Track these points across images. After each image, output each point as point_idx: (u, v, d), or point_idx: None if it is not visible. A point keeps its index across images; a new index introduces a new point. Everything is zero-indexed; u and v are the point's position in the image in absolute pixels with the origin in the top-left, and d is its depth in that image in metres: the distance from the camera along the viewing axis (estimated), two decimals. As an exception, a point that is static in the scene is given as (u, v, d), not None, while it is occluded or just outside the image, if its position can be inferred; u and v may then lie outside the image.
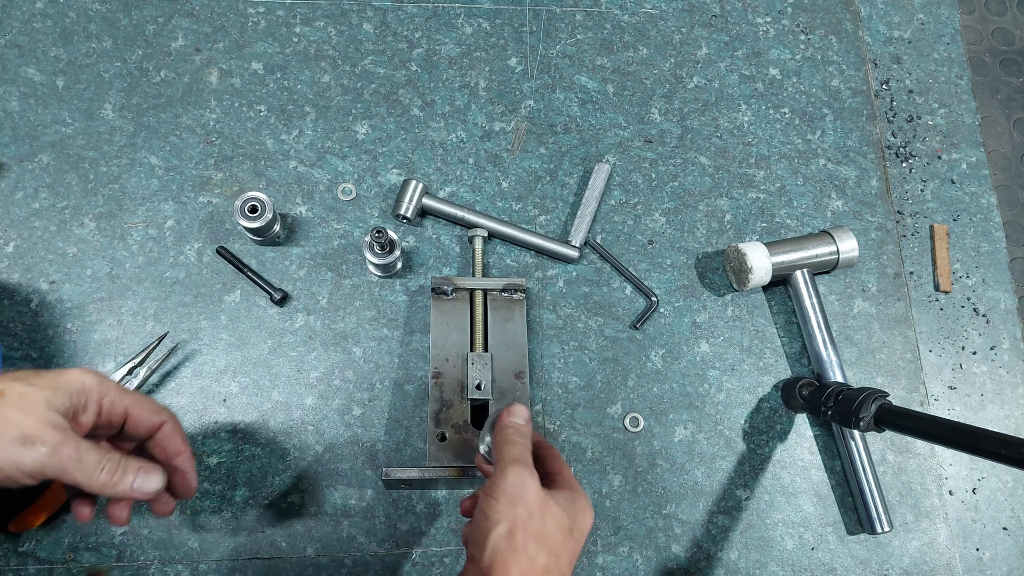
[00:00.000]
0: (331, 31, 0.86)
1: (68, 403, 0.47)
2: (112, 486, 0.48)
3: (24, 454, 0.45)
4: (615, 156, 0.85)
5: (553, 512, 0.51)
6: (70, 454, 0.46)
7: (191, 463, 0.54)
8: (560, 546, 0.50)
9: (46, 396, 0.46)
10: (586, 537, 0.53)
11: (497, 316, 0.74)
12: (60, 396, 0.47)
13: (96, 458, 0.47)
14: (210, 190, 0.79)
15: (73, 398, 0.48)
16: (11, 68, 0.80)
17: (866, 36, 0.94)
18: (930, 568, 0.75)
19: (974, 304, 0.85)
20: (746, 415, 0.77)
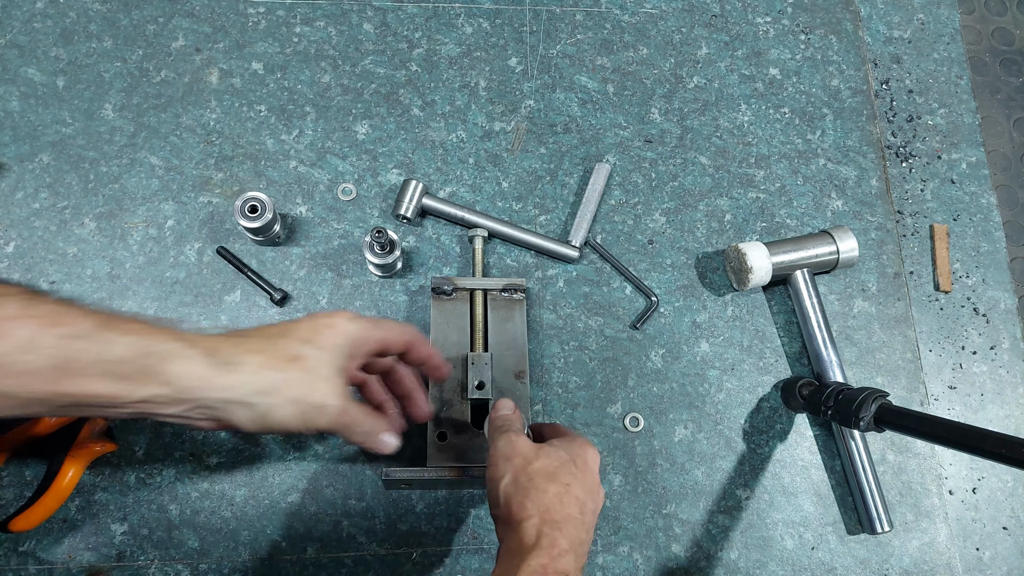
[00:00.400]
0: (331, 31, 0.86)
1: (345, 362, 0.54)
2: (365, 443, 0.57)
3: (319, 417, 0.52)
4: (615, 156, 0.85)
5: (548, 451, 0.55)
6: (347, 420, 0.54)
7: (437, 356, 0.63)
8: (568, 475, 0.53)
9: (331, 359, 0.53)
10: (595, 471, 0.56)
11: (497, 316, 0.74)
12: (339, 356, 0.53)
13: (361, 421, 0.55)
14: (210, 190, 0.79)
15: (347, 356, 0.54)
16: (11, 68, 0.80)
17: (866, 36, 0.94)
18: (930, 568, 0.75)
19: (974, 304, 0.85)
20: (746, 415, 0.77)
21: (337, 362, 0.53)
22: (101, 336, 0.46)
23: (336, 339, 0.53)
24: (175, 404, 0.48)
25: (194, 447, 0.71)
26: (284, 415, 0.51)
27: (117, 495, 0.69)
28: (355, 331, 0.55)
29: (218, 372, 0.49)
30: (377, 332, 0.56)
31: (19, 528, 0.64)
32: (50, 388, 0.45)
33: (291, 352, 0.52)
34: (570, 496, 0.52)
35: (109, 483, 0.69)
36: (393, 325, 0.58)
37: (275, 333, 0.53)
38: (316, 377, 0.52)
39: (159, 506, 0.69)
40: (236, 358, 0.50)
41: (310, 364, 0.52)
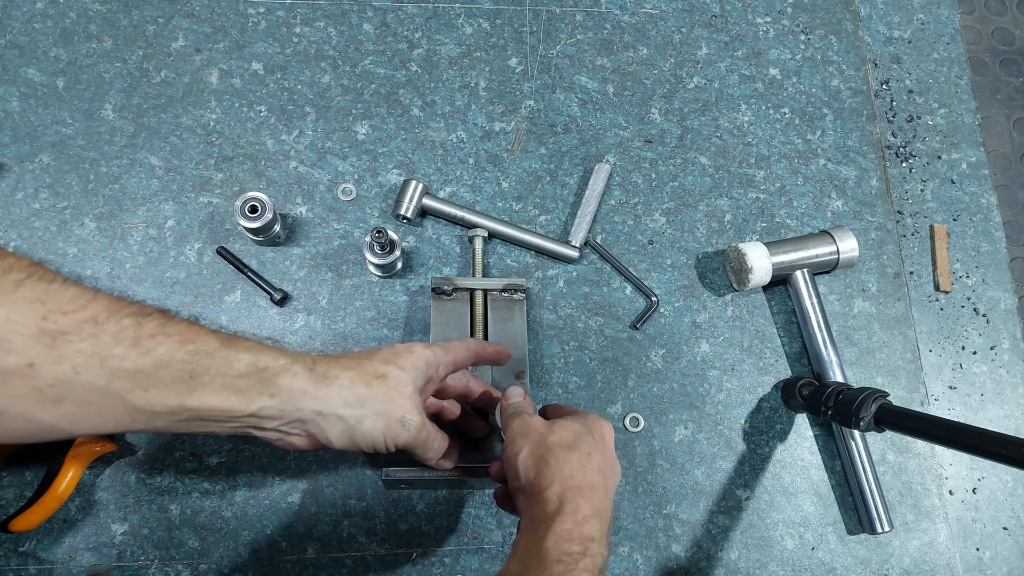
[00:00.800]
0: (331, 31, 0.86)
1: (422, 383, 0.57)
2: (432, 461, 0.61)
3: (400, 434, 0.55)
4: (615, 156, 0.85)
5: (564, 424, 0.57)
6: (425, 436, 0.57)
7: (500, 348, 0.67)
8: (587, 445, 0.55)
9: (411, 378, 0.56)
10: (612, 444, 0.58)
11: (497, 316, 0.74)
12: (419, 377, 0.57)
13: (435, 438, 0.59)
14: (210, 190, 0.79)
15: (424, 376, 0.58)
16: (11, 68, 0.80)
17: (866, 36, 0.94)
18: (930, 568, 0.75)
19: (974, 304, 0.85)
20: (746, 415, 0.77)
21: (417, 381, 0.56)
22: (224, 353, 0.50)
23: (415, 361, 0.57)
24: (278, 417, 0.52)
25: (194, 447, 0.71)
26: (370, 428, 0.54)
27: (117, 495, 0.69)
28: (430, 355, 0.58)
29: (317, 385, 0.52)
30: (448, 356, 0.60)
31: (19, 528, 0.64)
32: (178, 401, 0.48)
33: (377, 370, 0.55)
34: (591, 464, 0.54)
35: (109, 483, 0.69)
36: (459, 345, 0.62)
37: (362, 355, 0.57)
38: (400, 394, 0.55)
39: (159, 506, 0.69)
40: (331, 372, 0.53)
41: (393, 382, 0.55)
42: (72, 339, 0.44)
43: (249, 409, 0.50)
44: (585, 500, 0.51)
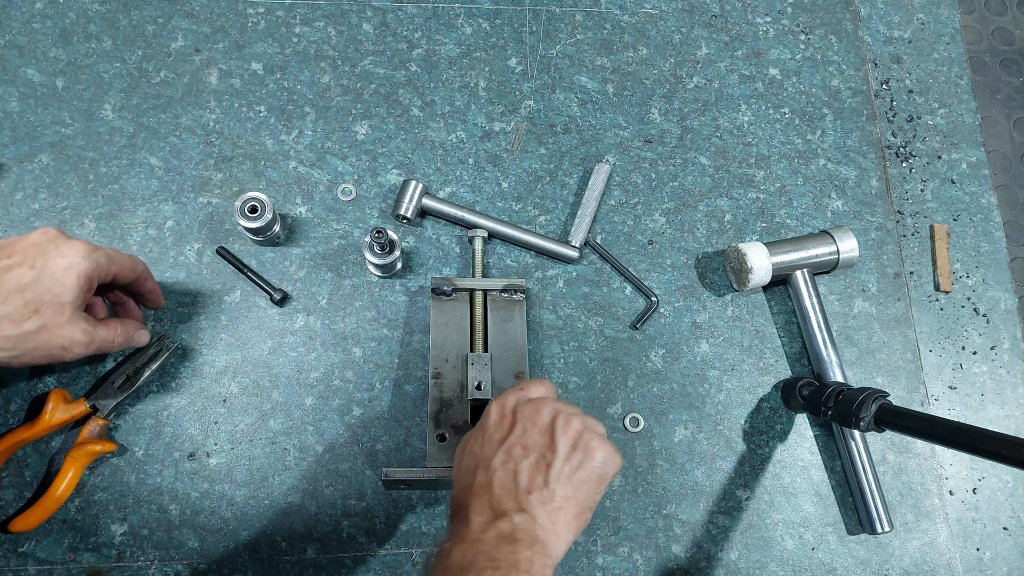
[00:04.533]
0: (331, 31, 0.86)
1: (83, 298, 0.59)
2: (123, 345, 0.65)
3: (67, 355, 0.60)
4: (615, 156, 0.85)
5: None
6: (97, 346, 0.61)
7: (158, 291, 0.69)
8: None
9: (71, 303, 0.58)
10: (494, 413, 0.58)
11: (497, 316, 0.74)
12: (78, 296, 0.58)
13: (111, 338, 0.63)
14: (210, 190, 0.79)
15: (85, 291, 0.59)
16: (11, 68, 0.80)
17: (866, 36, 0.94)
18: (930, 568, 0.75)
19: (974, 304, 0.85)
20: (746, 415, 0.77)
21: (76, 303, 0.58)
22: None
23: (75, 282, 0.58)
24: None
25: (194, 447, 0.71)
26: (26, 361, 0.58)
27: (117, 495, 0.69)
28: (91, 269, 0.58)
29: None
30: (112, 267, 0.61)
31: (19, 528, 0.64)
32: None
33: (32, 305, 0.56)
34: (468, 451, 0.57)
35: (109, 483, 0.69)
36: (125, 259, 0.63)
37: (14, 285, 0.56)
38: (56, 324, 0.57)
39: (159, 506, 0.69)
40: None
41: (49, 314, 0.57)
42: None
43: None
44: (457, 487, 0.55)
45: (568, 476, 0.53)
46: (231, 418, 0.72)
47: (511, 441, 0.54)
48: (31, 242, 0.58)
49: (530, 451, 0.54)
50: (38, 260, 0.57)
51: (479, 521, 0.51)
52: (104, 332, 0.62)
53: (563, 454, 0.53)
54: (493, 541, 0.49)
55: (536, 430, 0.55)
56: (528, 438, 0.54)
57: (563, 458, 0.53)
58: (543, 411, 0.56)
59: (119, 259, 0.62)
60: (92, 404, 0.68)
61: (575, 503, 0.52)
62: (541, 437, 0.54)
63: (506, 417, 0.56)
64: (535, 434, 0.54)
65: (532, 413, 0.55)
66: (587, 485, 0.53)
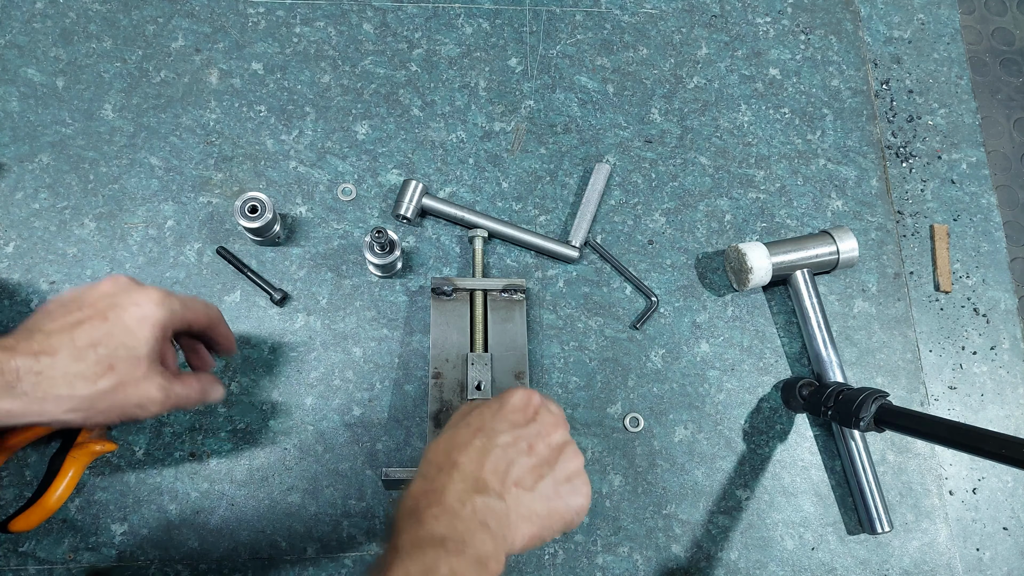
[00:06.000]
0: (331, 31, 0.86)
1: (158, 350, 0.55)
2: (198, 403, 0.60)
3: (143, 413, 0.54)
4: (615, 156, 0.85)
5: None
6: (173, 402, 0.56)
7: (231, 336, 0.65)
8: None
9: (146, 356, 0.53)
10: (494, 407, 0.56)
11: (497, 316, 0.74)
12: (153, 350, 0.54)
13: (187, 395, 0.57)
14: (210, 190, 0.79)
15: (159, 342, 0.55)
16: (11, 68, 0.80)
17: (866, 36, 0.94)
18: (930, 568, 0.75)
19: (974, 304, 0.85)
20: (746, 415, 0.77)
21: (152, 357, 0.54)
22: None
23: (150, 333, 0.53)
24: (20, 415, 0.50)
25: (194, 447, 0.71)
26: (103, 420, 0.53)
27: (117, 495, 0.69)
28: (166, 318, 0.55)
29: (21, 404, 0.49)
30: (188, 315, 0.58)
31: (19, 528, 0.64)
32: None
33: (106, 362, 0.51)
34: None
35: (109, 483, 0.69)
36: (199, 305, 0.59)
37: (87, 341, 0.51)
38: (132, 380, 0.52)
39: (159, 506, 0.69)
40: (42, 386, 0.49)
41: (125, 371, 0.52)
42: None
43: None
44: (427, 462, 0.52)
45: (550, 498, 0.52)
46: (231, 418, 0.72)
47: (523, 433, 0.54)
48: (102, 292, 0.54)
49: (533, 454, 0.53)
50: (111, 312, 0.53)
51: (459, 488, 0.49)
52: (180, 388, 0.57)
53: (558, 477, 0.53)
54: (468, 516, 0.47)
55: (547, 441, 0.54)
56: (538, 441, 0.54)
57: (555, 480, 0.53)
58: (560, 430, 0.56)
59: (193, 306, 0.58)
60: (92, 404, 0.68)
61: (540, 524, 0.51)
62: (547, 450, 0.54)
63: (528, 410, 0.56)
64: (544, 444, 0.54)
65: (550, 425, 0.55)
66: (556, 518, 0.52)
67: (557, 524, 0.52)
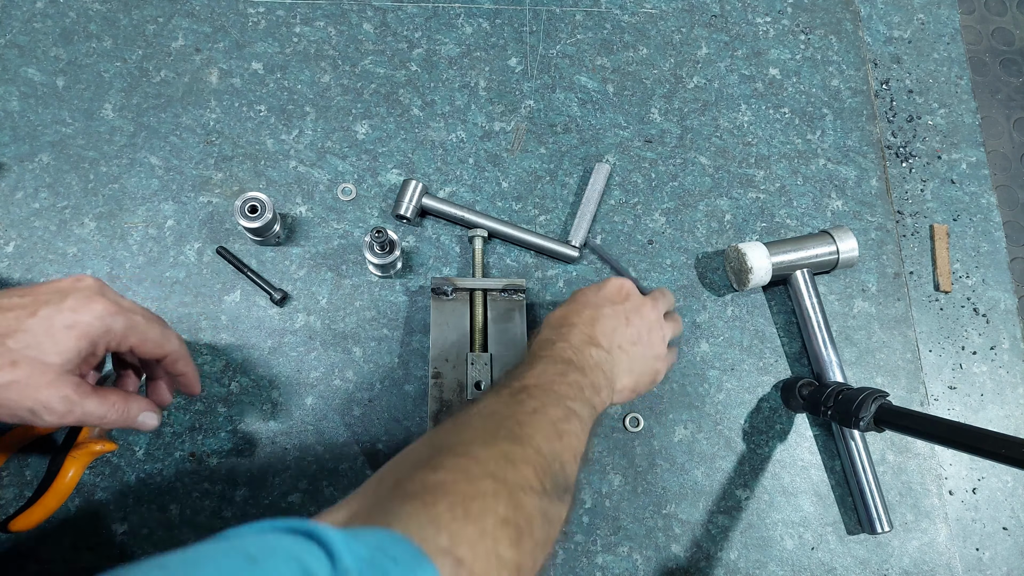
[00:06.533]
0: (331, 31, 0.86)
1: (79, 362, 0.52)
2: (120, 425, 0.56)
3: (38, 420, 0.51)
4: (615, 156, 0.85)
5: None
6: (77, 418, 0.52)
7: (194, 376, 0.61)
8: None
9: (59, 365, 0.50)
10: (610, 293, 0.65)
11: (497, 316, 0.74)
12: (72, 359, 0.51)
13: (100, 414, 0.53)
14: (210, 190, 0.79)
15: (84, 355, 0.52)
16: (11, 68, 0.80)
17: (866, 36, 0.94)
18: (930, 568, 0.75)
19: (974, 304, 0.85)
20: (746, 415, 0.77)
21: (66, 366, 0.51)
22: None
23: (71, 343, 0.51)
24: None
25: (194, 447, 0.71)
26: (12, 412, 0.50)
27: (117, 495, 0.69)
28: (103, 333, 0.52)
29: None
30: (132, 338, 0.54)
31: (19, 528, 0.64)
32: None
33: (10, 356, 0.49)
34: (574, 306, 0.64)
35: (109, 483, 0.69)
36: (152, 332, 0.55)
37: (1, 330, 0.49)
38: (32, 384, 0.49)
39: (159, 506, 0.69)
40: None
41: (26, 370, 0.49)
42: None
43: None
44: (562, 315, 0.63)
45: (642, 361, 0.63)
46: (231, 418, 0.72)
47: (619, 309, 0.64)
48: (55, 288, 0.52)
49: (631, 325, 0.63)
50: (43, 309, 0.51)
51: (580, 338, 0.60)
52: (92, 406, 0.52)
53: (648, 345, 0.64)
54: (588, 357, 0.59)
55: (639, 315, 0.64)
56: (633, 316, 0.64)
57: (645, 348, 0.64)
58: (649, 310, 0.66)
59: (145, 331, 0.54)
60: (92, 404, 0.68)
61: (635, 380, 0.63)
62: (641, 322, 0.64)
63: (622, 292, 0.65)
64: (638, 318, 0.64)
65: (642, 305, 0.65)
66: (646, 377, 0.64)
67: (645, 382, 0.64)
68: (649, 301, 0.66)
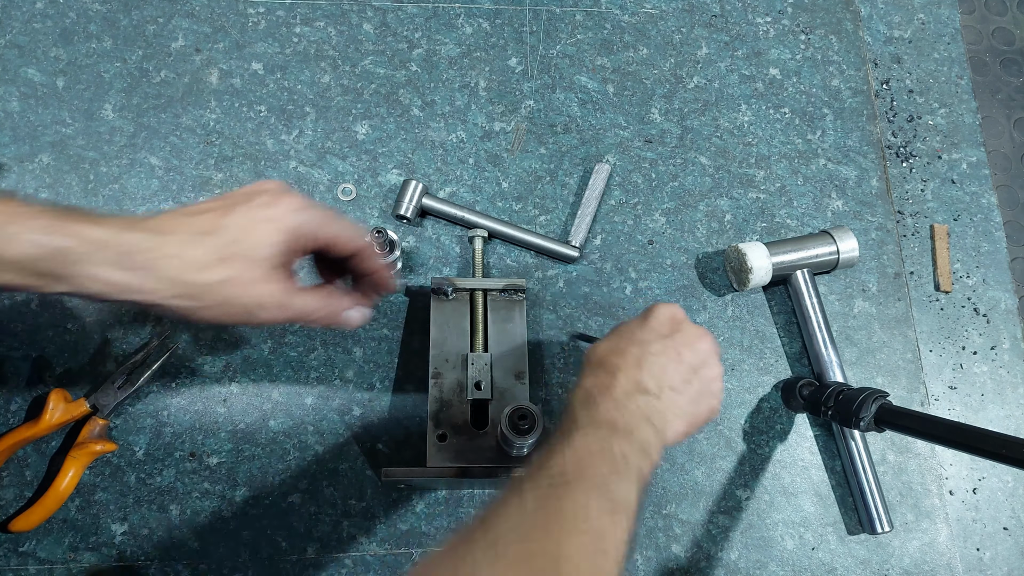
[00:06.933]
0: (331, 31, 0.86)
1: (283, 259, 0.52)
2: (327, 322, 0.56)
3: (252, 318, 0.51)
4: (615, 156, 0.85)
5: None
6: (290, 315, 0.52)
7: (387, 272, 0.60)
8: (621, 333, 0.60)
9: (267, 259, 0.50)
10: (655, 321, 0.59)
11: (497, 316, 0.74)
12: (277, 255, 0.51)
13: (309, 310, 0.54)
14: (210, 190, 0.79)
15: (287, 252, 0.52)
16: (11, 68, 0.80)
17: (866, 36, 0.94)
18: (930, 568, 0.75)
19: (974, 304, 0.85)
20: (746, 415, 0.77)
21: (273, 261, 0.51)
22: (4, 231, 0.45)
23: (273, 237, 0.51)
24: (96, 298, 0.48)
25: (194, 447, 0.71)
26: (212, 315, 0.50)
27: (117, 495, 0.69)
28: (298, 226, 0.52)
29: (133, 278, 0.47)
30: (325, 230, 0.54)
31: (19, 528, 0.64)
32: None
33: (219, 253, 0.49)
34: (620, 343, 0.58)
35: (109, 483, 0.69)
36: (346, 225, 0.55)
37: (203, 228, 0.49)
38: (246, 281, 0.50)
39: (159, 506, 0.69)
40: (154, 263, 0.47)
41: (239, 267, 0.49)
42: None
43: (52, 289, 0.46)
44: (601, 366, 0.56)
45: (696, 400, 0.57)
46: (231, 418, 0.72)
47: (670, 344, 0.57)
48: (245, 191, 0.52)
49: (682, 361, 0.57)
50: (239, 207, 0.50)
51: (624, 387, 0.54)
52: (303, 301, 0.53)
53: (702, 381, 0.57)
54: (634, 411, 0.53)
55: (692, 350, 0.58)
56: (684, 350, 0.57)
57: (700, 384, 0.57)
58: (703, 342, 0.59)
59: (337, 224, 0.54)
60: (92, 404, 0.68)
61: (688, 421, 0.56)
62: (693, 358, 0.57)
63: (673, 323, 0.59)
64: (690, 352, 0.57)
65: (694, 336, 0.59)
66: (700, 416, 0.57)
67: (700, 420, 0.58)
68: (704, 332, 0.60)
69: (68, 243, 0.46)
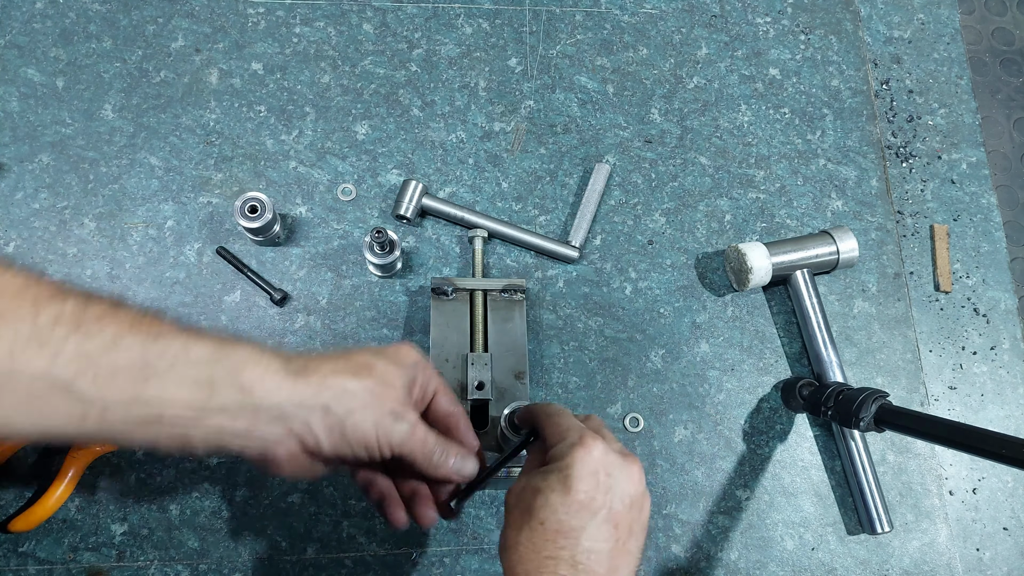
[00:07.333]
0: (331, 31, 0.86)
1: (411, 383, 0.52)
2: (439, 467, 0.53)
3: (394, 429, 0.49)
4: (615, 156, 0.85)
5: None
6: (421, 434, 0.51)
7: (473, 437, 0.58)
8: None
9: (402, 373, 0.51)
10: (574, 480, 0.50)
11: (497, 316, 0.74)
12: (408, 374, 0.52)
13: (433, 440, 0.52)
14: (210, 190, 0.79)
15: (413, 378, 0.52)
16: (11, 68, 0.80)
17: (866, 36, 0.94)
18: (930, 568, 0.75)
19: (974, 304, 0.85)
20: (746, 415, 0.77)
21: (407, 377, 0.52)
22: (179, 339, 0.45)
23: (406, 359, 0.52)
24: (250, 414, 0.46)
25: (194, 447, 0.71)
26: (361, 420, 0.48)
27: (117, 495, 0.69)
28: (415, 367, 0.53)
29: (293, 378, 0.47)
30: (435, 382, 0.55)
31: (19, 528, 0.64)
32: (132, 391, 0.43)
33: (363, 361, 0.50)
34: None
35: (109, 483, 0.69)
36: (447, 384, 0.57)
37: (344, 352, 0.51)
38: (390, 386, 0.50)
39: (159, 506, 0.69)
40: (310, 366, 0.48)
41: (382, 372, 0.50)
42: (8, 320, 0.40)
43: (214, 403, 0.44)
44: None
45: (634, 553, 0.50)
46: (231, 418, 0.72)
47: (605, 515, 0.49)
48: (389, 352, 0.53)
49: (618, 529, 0.49)
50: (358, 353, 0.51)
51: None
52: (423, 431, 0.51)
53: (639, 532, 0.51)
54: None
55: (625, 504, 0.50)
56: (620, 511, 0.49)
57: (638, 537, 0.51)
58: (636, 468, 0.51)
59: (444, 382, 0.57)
60: (92, 404, 0.68)
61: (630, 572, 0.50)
62: (627, 514, 0.50)
63: (600, 475, 0.49)
64: (623, 509, 0.49)
65: (626, 478, 0.50)
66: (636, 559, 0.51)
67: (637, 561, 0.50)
68: (632, 460, 0.51)
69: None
